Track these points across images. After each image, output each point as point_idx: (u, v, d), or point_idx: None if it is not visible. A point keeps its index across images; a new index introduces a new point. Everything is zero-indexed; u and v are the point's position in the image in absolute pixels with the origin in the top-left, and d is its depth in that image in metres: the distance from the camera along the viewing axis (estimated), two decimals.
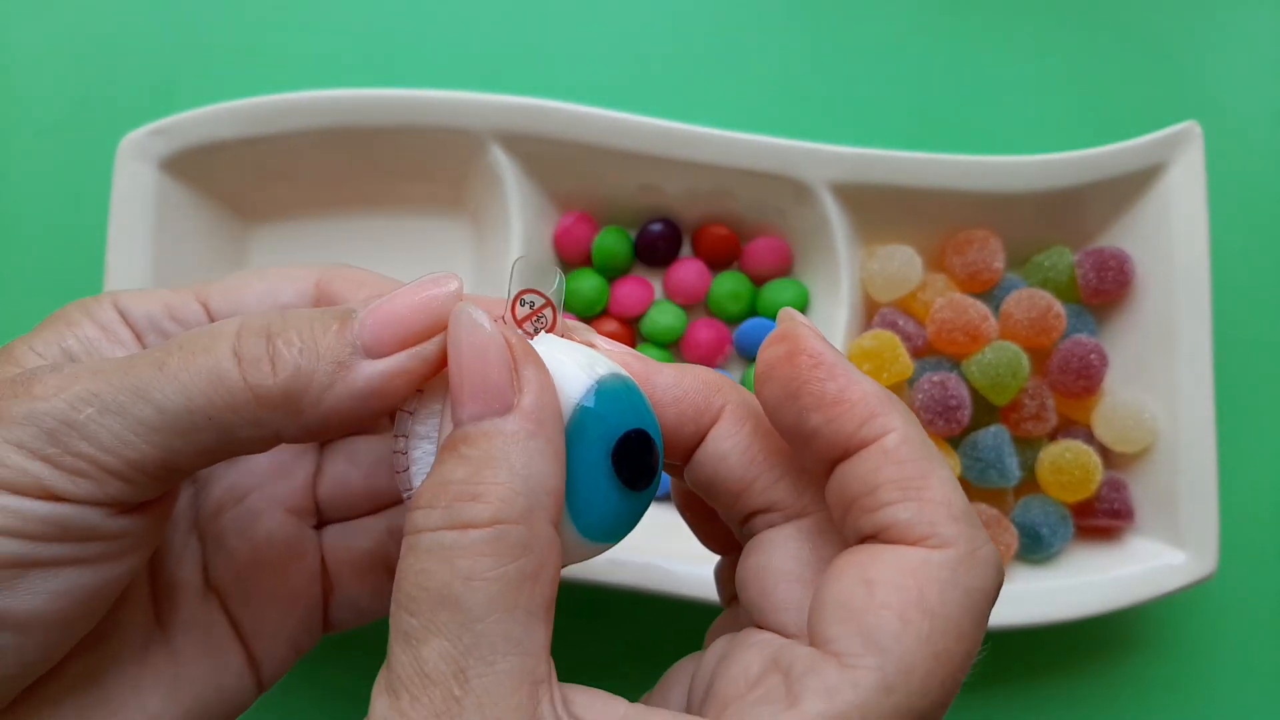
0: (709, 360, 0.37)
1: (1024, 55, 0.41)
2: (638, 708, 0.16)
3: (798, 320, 0.19)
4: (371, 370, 0.17)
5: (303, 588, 0.23)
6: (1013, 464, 0.35)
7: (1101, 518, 0.35)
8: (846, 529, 0.17)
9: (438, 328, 0.17)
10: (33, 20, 0.39)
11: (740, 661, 0.17)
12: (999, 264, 0.36)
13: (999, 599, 0.33)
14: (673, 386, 0.19)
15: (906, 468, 0.17)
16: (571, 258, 0.37)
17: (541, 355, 0.18)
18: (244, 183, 0.35)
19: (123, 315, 0.20)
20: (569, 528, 0.17)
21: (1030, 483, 0.36)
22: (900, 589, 0.16)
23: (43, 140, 0.39)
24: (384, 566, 0.23)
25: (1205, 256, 0.35)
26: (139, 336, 0.20)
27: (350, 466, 0.23)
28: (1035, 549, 0.35)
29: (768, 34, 0.41)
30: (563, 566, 0.18)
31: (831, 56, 0.41)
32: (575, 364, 0.18)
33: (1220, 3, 0.42)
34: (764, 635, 0.18)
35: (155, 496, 0.18)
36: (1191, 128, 0.36)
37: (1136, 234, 0.37)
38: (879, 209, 0.36)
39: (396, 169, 0.36)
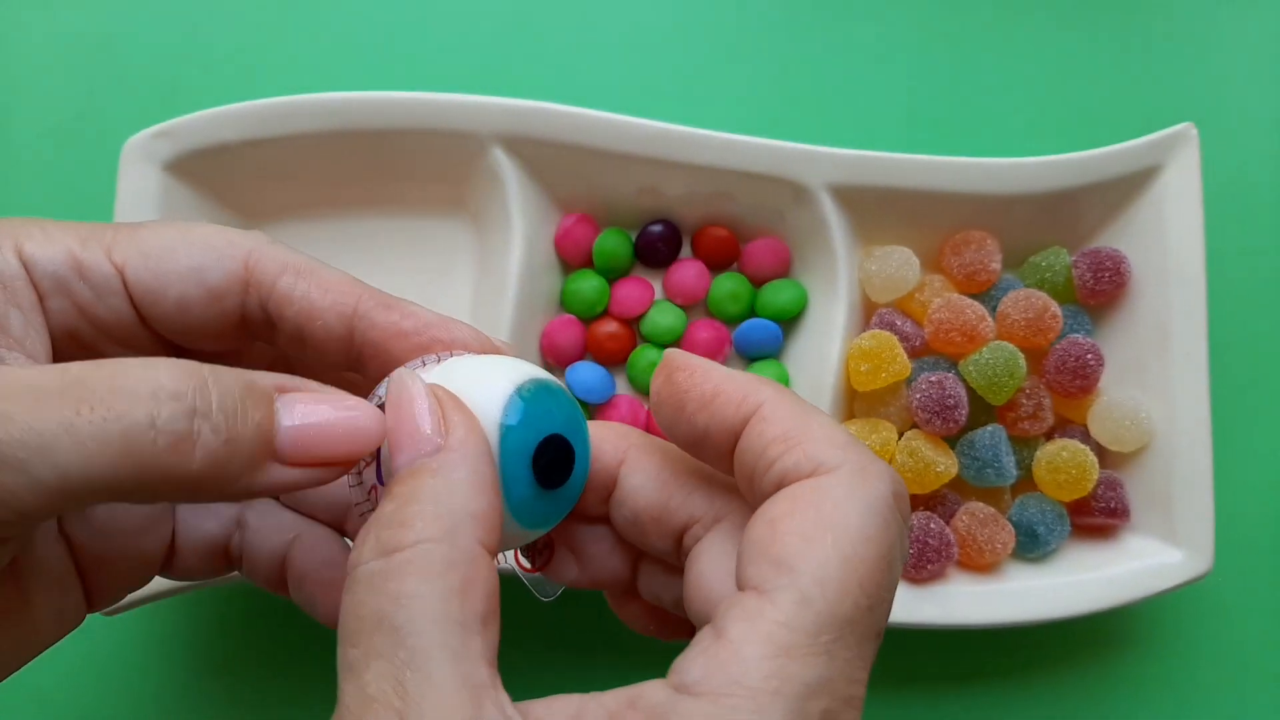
0: (708, 359, 0.37)
1: (1020, 58, 0.42)
2: (593, 695, 0.17)
3: (672, 351, 0.20)
4: (283, 476, 0.17)
5: (149, 552, 0.23)
6: (1010, 463, 0.35)
7: (1098, 516, 0.36)
8: (755, 500, 0.18)
9: (353, 458, 0.18)
10: (37, 23, 0.40)
11: None
12: (996, 265, 0.36)
13: (996, 598, 0.34)
14: (704, 388, 0.20)
15: (785, 424, 0.18)
16: (572, 259, 0.37)
17: (472, 371, 0.19)
18: (248, 185, 0.35)
19: (27, 267, 0.19)
20: (510, 521, 0.19)
21: (1027, 481, 0.36)
22: (800, 515, 0.17)
23: (47, 143, 0.39)
24: (223, 550, 0.23)
25: (1201, 257, 0.36)
26: (42, 298, 0.19)
27: None
28: (1032, 547, 0.35)
29: (766, 37, 0.41)
30: (510, 548, 0.20)
31: (829, 60, 0.41)
32: (503, 379, 0.19)
33: (1216, 5, 0.42)
34: None
35: None
36: (1187, 129, 0.36)
37: (1132, 235, 0.37)
38: (877, 210, 0.36)
39: (399, 171, 0.36)
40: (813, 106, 0.41)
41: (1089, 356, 0.35)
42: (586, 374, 0.36)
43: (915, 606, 0.34)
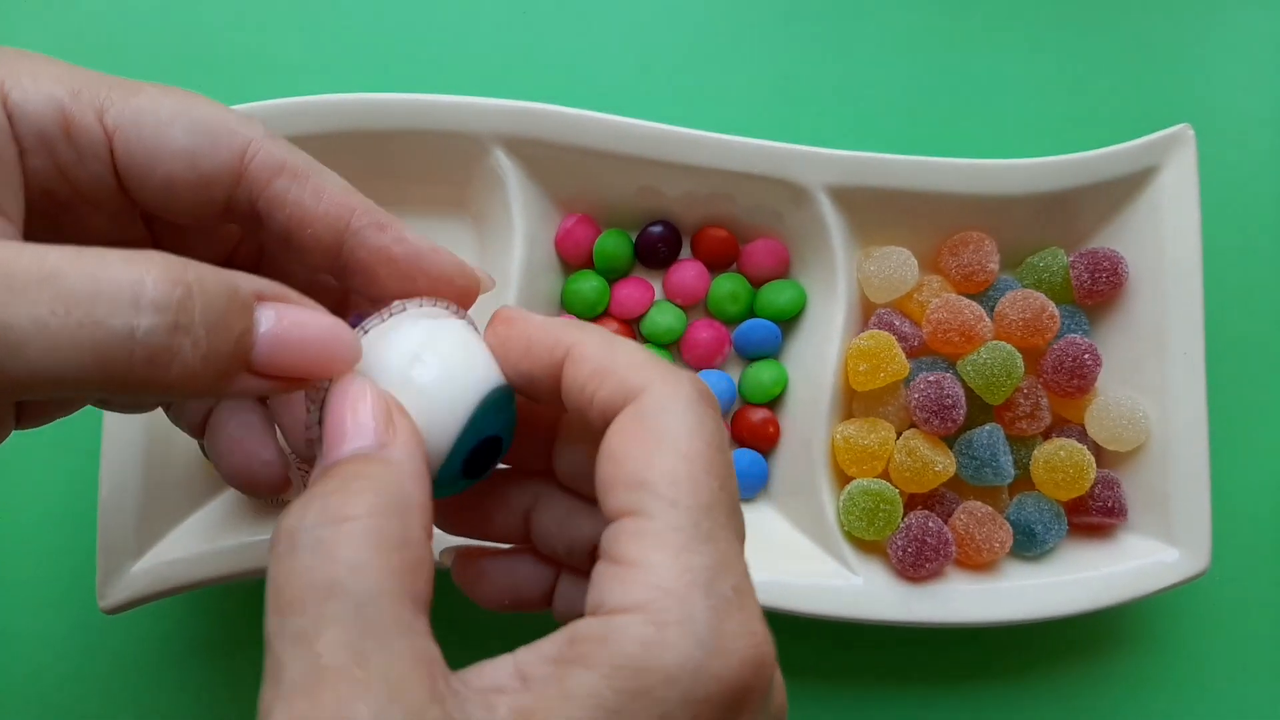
0: (708, 360, 0.37)
1: (1018, 59, 0.42)
2: (523, 649, 0.17)
3: (500, 309, 0.21)
4: (251, 385, 0.17)
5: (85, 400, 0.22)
6: (1007, 462, 0.35)
7: (1095, 515, 0.36)
8: (591, 433, 0.20)
9: (323, 376, 0.18)
10: (37, 26, 0.40)
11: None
12: (994, 265, 0.37)
13: (994, 596, 0.34)
14: (520, 339, 0.21)
15: (594, 360, 0.19)
16: (573, 259, 0.38)
17: (445, 368, 0.19)
18: None
19: (12, 119, 0.18)
20: None
21: (1024, 480, 0.37)
22: (633, 439, 0.18)
23: None
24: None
25: (1197, 257, 0.36)
26: (23, 153, 0.18)
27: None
28: (1029, 546, 0.36)
29: (766, 39, 0.41)
30: None
31: (828, 61, 0.41)
32: (471, 388, 0.20)
33: (1213, 6, 0.42)
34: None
35: None
36: (1184, 130, 0.36)
37: (1130, 235, 0.37)
38: (875, 211, 0.36)
39: (401, 172, 0.36)
40: (811, 108, 0.41)
41: (1086, 356, 0.35)
42: None
43: (913, 605, 0.34)
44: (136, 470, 0.33)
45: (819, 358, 0.36)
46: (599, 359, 0.19)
